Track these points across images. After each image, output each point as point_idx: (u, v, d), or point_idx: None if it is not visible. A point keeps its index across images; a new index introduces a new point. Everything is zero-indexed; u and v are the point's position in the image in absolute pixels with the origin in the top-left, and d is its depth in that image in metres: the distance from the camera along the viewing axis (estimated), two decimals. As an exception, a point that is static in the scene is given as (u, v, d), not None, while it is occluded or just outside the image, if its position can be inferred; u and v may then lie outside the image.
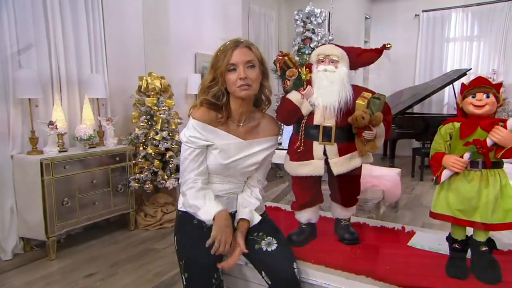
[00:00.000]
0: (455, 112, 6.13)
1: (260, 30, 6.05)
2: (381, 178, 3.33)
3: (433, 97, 6.05)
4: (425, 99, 5.60)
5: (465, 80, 6.17)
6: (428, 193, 4.73)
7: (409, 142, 6.88)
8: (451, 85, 5.65)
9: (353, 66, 1.47)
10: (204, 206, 1.36)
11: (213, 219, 1.34)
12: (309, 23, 5.77)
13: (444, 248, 1.42)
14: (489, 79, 4.92)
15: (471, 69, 6.22)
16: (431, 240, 1.51)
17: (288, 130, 3.46)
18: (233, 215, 1.50)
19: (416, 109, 6.61)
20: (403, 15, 7.16)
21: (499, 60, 6.43)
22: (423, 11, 6.93)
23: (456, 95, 5.85)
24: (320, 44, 5.66)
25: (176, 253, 1.48)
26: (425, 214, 3.89)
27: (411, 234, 1.59)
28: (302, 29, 5.82)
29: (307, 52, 5.59)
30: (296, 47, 5.90)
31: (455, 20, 6.76)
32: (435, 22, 6.91)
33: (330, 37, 5.42)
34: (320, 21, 5.75)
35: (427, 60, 7.02)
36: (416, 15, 7.02)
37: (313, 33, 5.73)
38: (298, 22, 5.87)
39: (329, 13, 6.28)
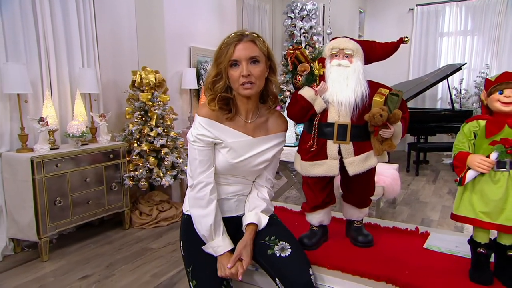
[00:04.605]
0: (449, 107, 6.14)
1: (254, 23, 5.94)
2: (380, 174, 3.28)
3: (427, 92, 6.04)
4: (419, 94, 5.58)
5: (459, 74, 6.17)
6: (424, 188, 4.73)
7: (404, 137, 6.89)
8: (445, 79, 5.64)
9: (368, 60, 1.40)
10: (212, 241, 1.32)
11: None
12: (293, 18, 5.67)
13: (462, 251, 1.37)
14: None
15: (466, 63, 6.22)
16: (447, 241, 1.46)
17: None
18: (240, 218, 1.44)
19: (410, 104, 6.60)
20: (397, 9, 7.13)
21: (492, 54, 6.46)
22: (417, 5, 6.91)
23: (451, 90, 5.86)
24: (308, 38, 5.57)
25: (183, 259, 1.41)
26: (422, 209, 3.91)
27: (426, 235, 1.54)
28: (289, 23, 5.73)
29: (290, 46, 5.50)
30: (285, 43, 5.82)
31: (449, 15, 6.76)
32: (429, 16, 6.89)
33: (328, 31, 5.33)
34: (305, 15, 5.62)
35: (421, 54, 7.02)
36: (410, 9, 7.00)
37: (294, 27, 5.63)
38: (285, 17, 5.79)
39: (323, 6, 6.20)
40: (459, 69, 5.69)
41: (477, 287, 1.15)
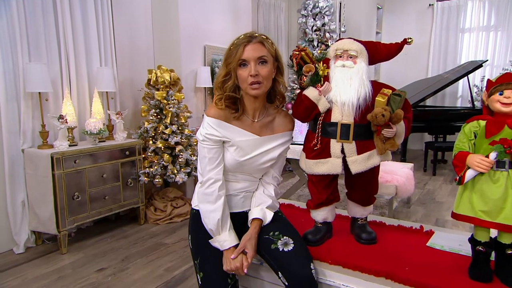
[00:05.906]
0: (469, 105, 6.02)
1: (269, 21, 5.95)
2: (394, 173, 3.27)
3: (447, 89, 5.93)
4: (438, 92, 5.49)
5: (480, 71, 6.02)
6: (441, 188, 4.66)
7: (421, 136, 6.78)
8: (466, 77, 5.52)
9: (372, 61, 1.42)
10: (219, 236, 1.37)
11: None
12: (306, 15, 5.65)
13: (465, 249, 1.37)
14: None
15: (487, 60, 6.07)
16: (451, 240, 1.47)
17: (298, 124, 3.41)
18: (246, 213, 1.48)
19: (429, 102, 6.50)
20: (417, 5, 7.01)
21: (516, 51, 6.27)
22: (438, 0, 6.77)
23: (471, 87, 5.73)
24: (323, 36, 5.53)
25: (191, 252, 1.47)
26: (438, 209, 3.86)
27: (430, 233, 1.54)
28: (303, 21, 5.71)
29: (303, 45, 5.47)
30: (299, 41, 5.80)
31: (471, 10, 6.60)
32: (450, 11, 6.75)
33: (343, 29, 5.29)
34: (318, 12, 5.58)
35: (441, 51, 6.88)
36: (430, 4, 6.87)
37: (306, 25, 5.60)
38: (299, 15, 5.77)
39: (340, 3, 6.16)
40: (480, 66, 5.56)
41: (475, 284, 1.16)
